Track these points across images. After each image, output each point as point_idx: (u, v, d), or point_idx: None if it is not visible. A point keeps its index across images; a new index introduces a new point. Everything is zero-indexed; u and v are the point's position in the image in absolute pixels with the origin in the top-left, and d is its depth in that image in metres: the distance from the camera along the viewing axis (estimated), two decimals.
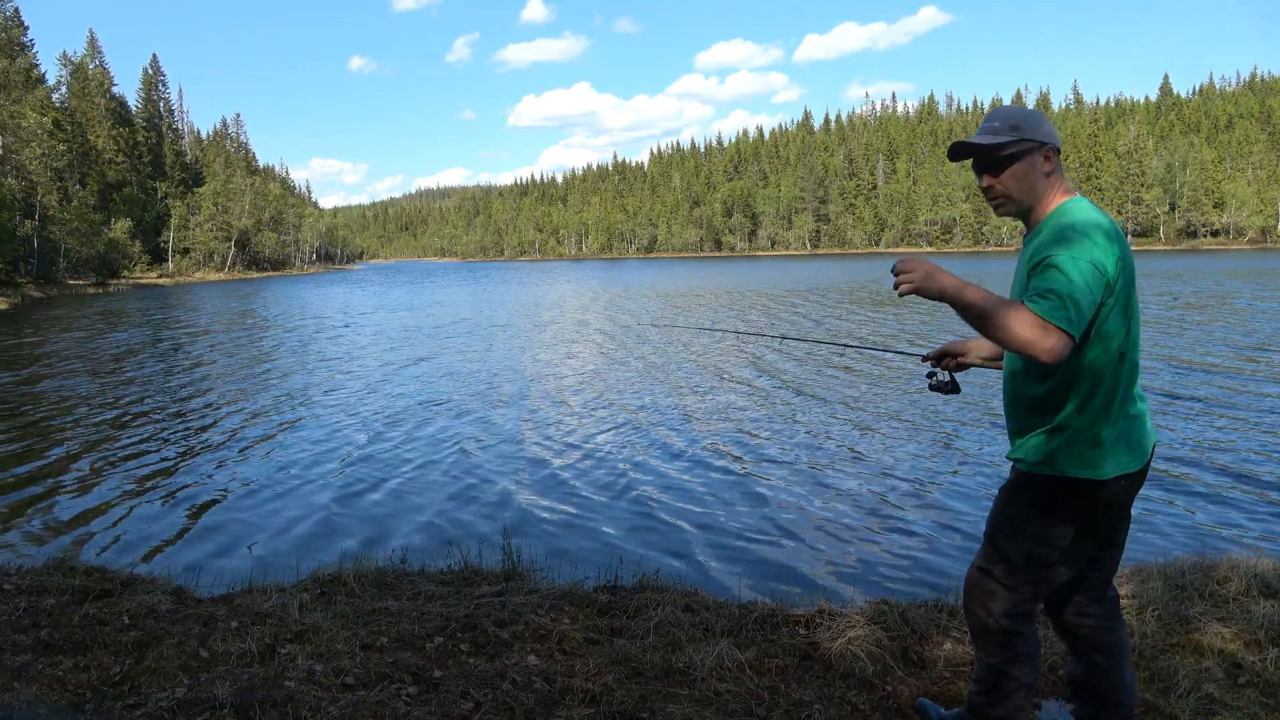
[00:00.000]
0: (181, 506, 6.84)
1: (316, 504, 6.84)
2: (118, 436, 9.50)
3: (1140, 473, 2.13)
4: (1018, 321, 1.84)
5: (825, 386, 11.88)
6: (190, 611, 3.55)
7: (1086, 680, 2.35)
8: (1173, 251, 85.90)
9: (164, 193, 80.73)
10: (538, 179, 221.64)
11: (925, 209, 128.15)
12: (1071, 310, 1.84)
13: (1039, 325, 1.83)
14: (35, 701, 2.66)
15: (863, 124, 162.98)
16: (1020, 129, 2.13)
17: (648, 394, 11.74)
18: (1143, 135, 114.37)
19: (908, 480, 7.10)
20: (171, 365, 16.16)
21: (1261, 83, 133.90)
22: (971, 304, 1.89)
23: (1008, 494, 2.24)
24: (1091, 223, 2.01)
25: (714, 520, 6.20)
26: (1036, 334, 1.82)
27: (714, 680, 2.82)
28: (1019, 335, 1.83)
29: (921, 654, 3.06)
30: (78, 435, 9.58)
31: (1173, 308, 22.13)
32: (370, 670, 2.88)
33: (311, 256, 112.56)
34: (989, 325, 1.87)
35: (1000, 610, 2.20)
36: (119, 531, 6.22)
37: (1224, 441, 8.06)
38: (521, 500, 6.83)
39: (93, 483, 7.53)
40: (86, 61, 77.48)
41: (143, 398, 12.21)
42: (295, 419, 10.47)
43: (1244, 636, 3.07)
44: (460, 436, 9.21)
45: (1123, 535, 2.27)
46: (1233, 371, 12.09)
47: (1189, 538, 5.53)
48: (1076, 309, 1.85)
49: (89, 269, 58.12)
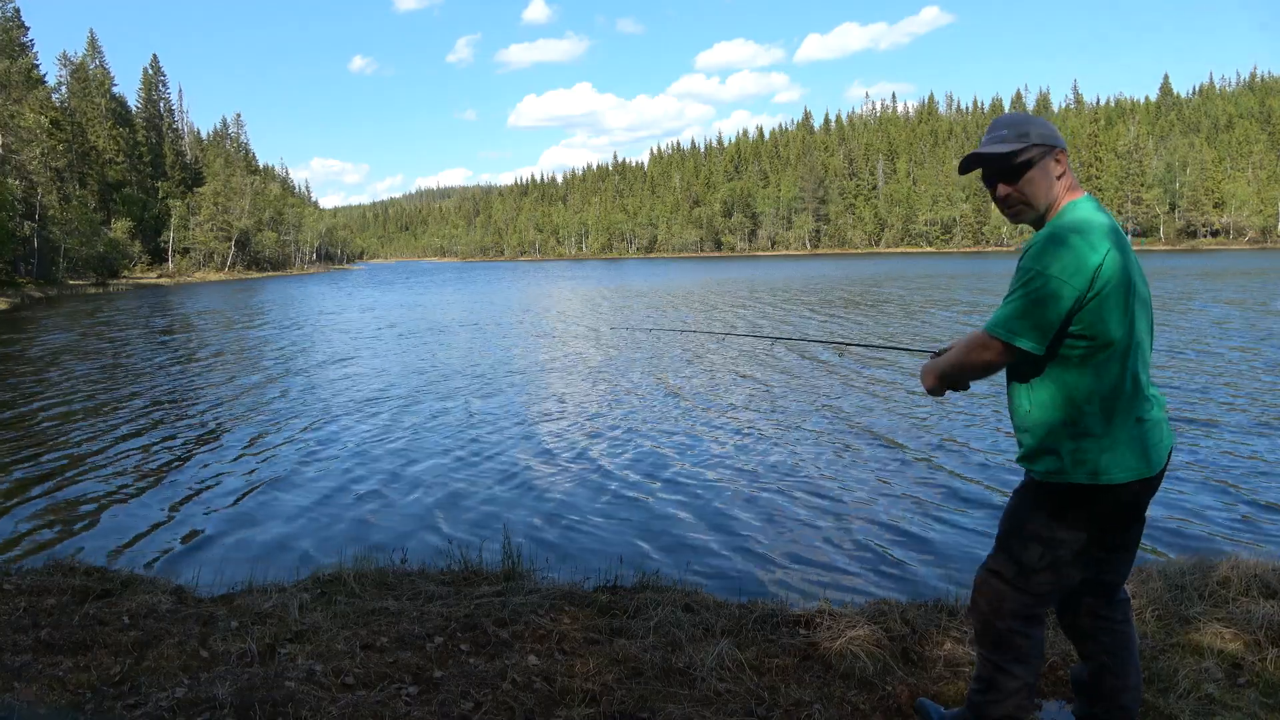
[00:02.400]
0: (182, 506, 6.84)
1: (317, 504, 6.83)
2: (117, 437, 9.50)
3: (1154, 478, 2.12)
4: (962, 350, 2.18)
5: (826, 386, 11.88)
6: (190, 611, 3.55)
7: (1092, 681, 2.34)
8: (1172, 251, 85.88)
9: (164, 193, 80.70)
10: (538, 179, 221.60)
11: (925, 209, 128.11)
12: (1013, 322, 2.03)
13: (978, 342, 2.12)
14: (35, 701, 2.66)
15: (863, 124, 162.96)
16: (1028, 135, 2.16)
17: (648, 394, 11.74)
18: (1143, 135, 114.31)
19: (909, 480, 7.10)
20: (171, 365, 16.15)
21: (1261, 83, 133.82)
22: (943, 365, 2.24)
23: (1018, 498, 2.26)
24: (1073, 227, 2.03)
25: (714, 520, 6.20)
26: (975, 350, 2.13)
27: (714, 680, 2.82)
28: (965, 359, 2.16)
29: (921, 654, 3.06)
30: (77, 435, 9.58)
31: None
32: (370, 670, 2.88)
33: (311, 256, 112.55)
34: (957, 369, 2.20)
35: (1009, 611, 2.21)
36: (119, 531, 6.21)
37: (1224, 441, 8.07)
38: (522, 500, 6.83)
39: (92, 483, 7.53)
40: (87, 61, 77.53)
41: (142, 398, 12.20)
42: (295, 419, 10.47)
43: (1244, 636, 3.07)
44: (461, 436, 9.21)
45: (1135, 538, 2.27)
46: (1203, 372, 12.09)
47: (1189, 538, 5.53)
48: (1022, 319, 2.02)
49: (89, 269, 58.12)
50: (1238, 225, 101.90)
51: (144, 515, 6.60)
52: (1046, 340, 2.02)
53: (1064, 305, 1.98)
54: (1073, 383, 2.06)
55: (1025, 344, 2.01)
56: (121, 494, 7.19)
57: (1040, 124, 2.17)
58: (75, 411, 11.09)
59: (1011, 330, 2.02)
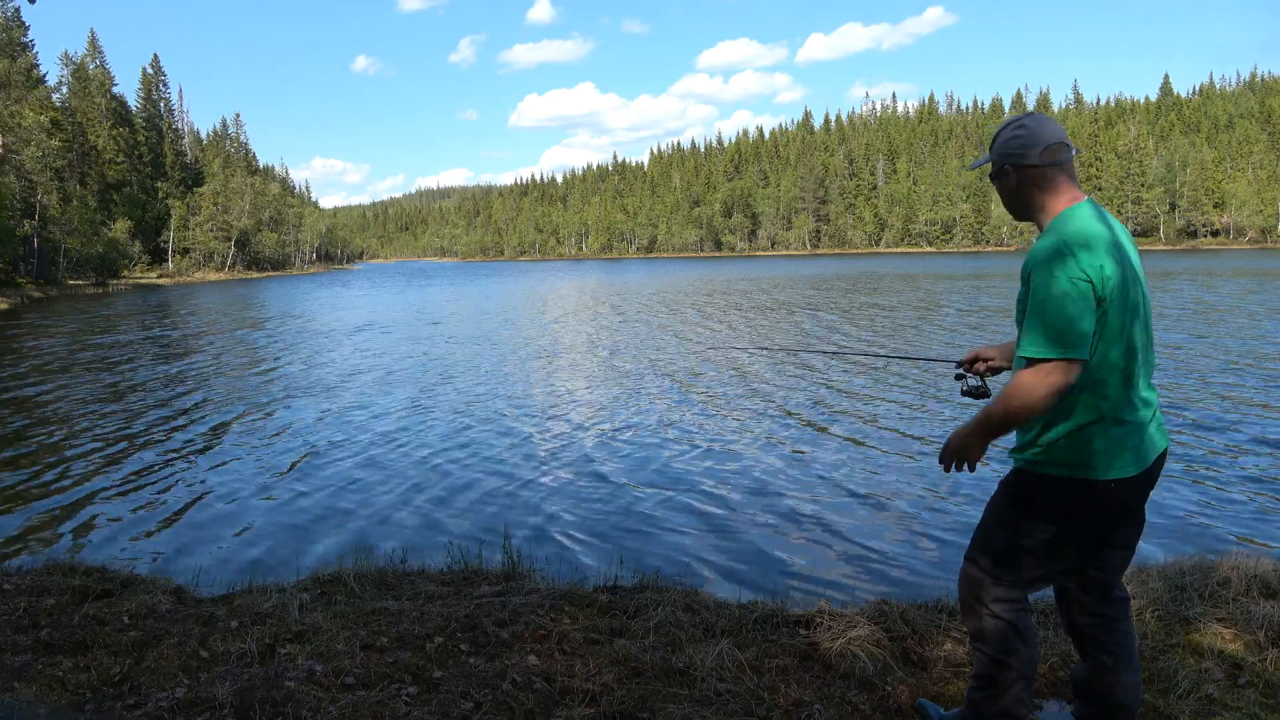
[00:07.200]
0: (182, 507, 6.84)
1: (317, 504, 6.83)
2: (116, 437, 9.50)
3: (1140, 477, 2.13)
4: (1016, 388, 1.99)
5: (827, 387, 11.88)
6: (190, 611, 3.55)
7: (1090, 680, 2.35)
8: (1172, 251, 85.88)
9: (164, 193, 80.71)
10: (538, 179, 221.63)
11: (925, 209, 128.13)
12: (1057, 335, 1.94)
13: (1034, 373, 1.97)
14: (35, 701, 2.65)
15: (863, 124, 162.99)
16: (993, 147, 2.22)
17: (648, 395, 11.74)
18: (1143, 135, 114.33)
19: (910, 480, 7.10)
20: (171, 365, 16.15)
21: (1261, 83, 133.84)
22: (988, 418, 2.09)
23: (1000, 488, 2.31)
24: (1068, 240, 2.01)
25: (714, 520, 6.20)
26: (1037, 380, 1.96)
27: (714, 680, 2.82)
28: (1026, 396, 1.98)
29: (921, 654, 3.06)
30: (77, 435, 9.58)
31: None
32: (370, 670, 2.88)
33: (311, 256, 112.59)
34: (1008, 416, 2.04)
35: (989, 599, 2.25)
36: (119, 531, 6.21)
37: (1223, 441, 8.06)
38: (522, 500, 6.83)
39: (92, 483, 7.53)
40: (87, 61, 77.49)
41: (142, 397, 12.21)
42: (295, 419, 10.47)
43: (1244, 637, 3.07)
44: (461, 437, 9.21)
45: (1128, 536, 2.27)
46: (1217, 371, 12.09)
47: (1189, 538, 5.53)
48: (1062, 333, 1.94)
49: (89, 269, 58.11)
50: (1238, 225, 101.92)
51: (144, 515, 6.60)
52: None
53: (1091, 306, 1.98)
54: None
55: (1078, 355, 1.97)
56: (121, 494, 7.19)
57: (1007, 135, 2.17)
58: (74, 412, 11.09)
59: (1062, 347, 1.96)
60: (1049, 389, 1.95)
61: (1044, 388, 1.95)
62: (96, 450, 8.80)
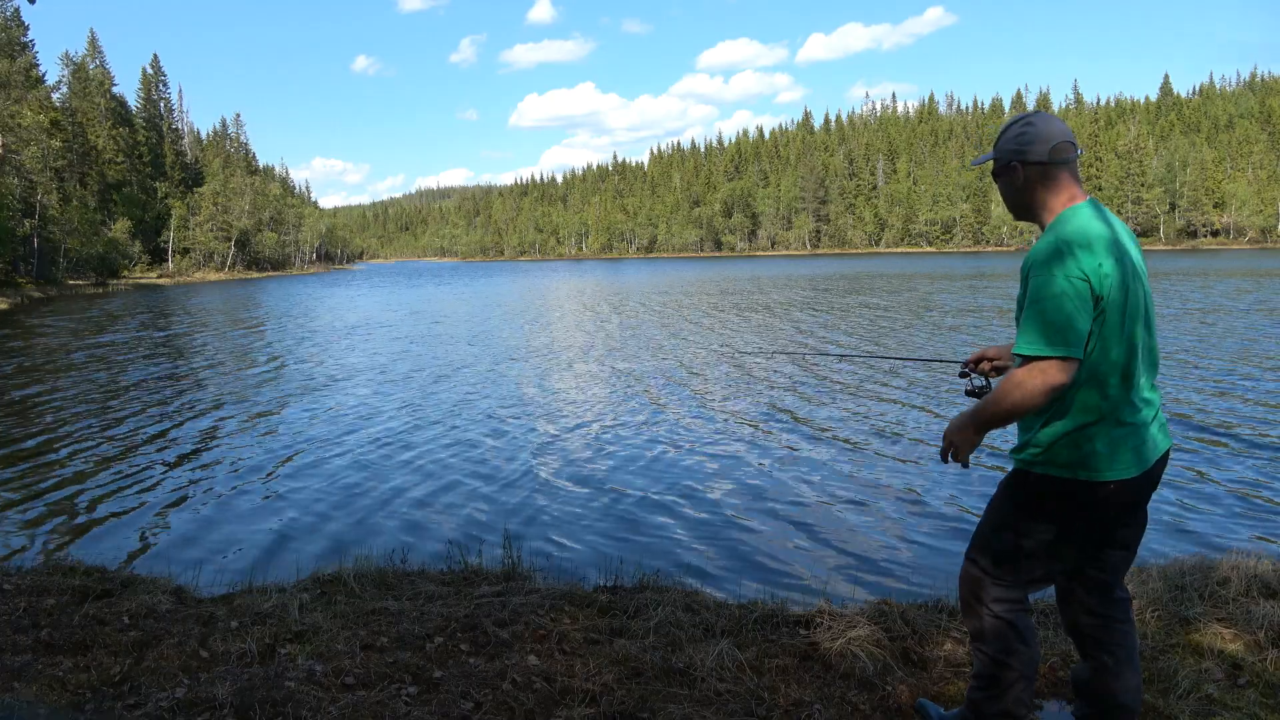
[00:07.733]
0: (182, 506, 6.83)
1: (317, 504, 6.83)
2: (116, 436, 9.50)
3: (1141, 478, 2.13)
4: (1011, 384, 2.01)
5: (827, 388, 11.88)
6: (190, 611, 3.55)
7: (1092, 680, 2.35)
8: (1172, 251, 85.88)
9: (164, 193, 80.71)
10: (538, 179, 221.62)
11: (925, 209, 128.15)
12: (1053, 333, 1.95)
13: (1029, 370, 1.98)
14: (35, 701, 2.65)
15: (863, 124, 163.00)
16: (996, 144, 2.23)
17: (648, 395, 11.74)
18: (1143, 135, 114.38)
19: (910, 480, 7.10)
20: (170, 364, 16.15)
21: (1261, 83, 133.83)
22: (982, 410, 2.10)
23: (1000, 488, 2.30)
24: (1067, 239, 2.02)
25: (714, 520, 6.20)
26: (1030, 377, 1.98)
27: (714, 680, 2.82)
28: (1019, 393, 1.99)
29: (921, 654, 3.06)
30: (76, 435, 9.58)
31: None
32: (370, 670, 2.88)
33: (311, 256, 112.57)
34: (1001, 410, 2.05)
35: (989, 599, 2.25)
36: (119, 531, 6.21)
37: (1223, 441, 8.06)
38: (522, 500, 6.83)
39: (92, 483, 7.52)
40: (87, 61, 77.46)
41: (142, 397, 12.20)
42: (296, 419, 10.47)
43: (1244, 637, 3.07)
44: (461, 437, 9.21)
45: (1129, 536, 2.27)
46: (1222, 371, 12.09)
47: (1189, 538, 5.53)
48: (1058, 331, 1.95)
49: (89, 269, 58.10)
50: (1238, 225, 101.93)
51: (144, 515, 6.60)
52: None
53: (1088, 307, 1.99)
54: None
55: (1071, 353, 1.98)
56: (121, 494, 7.18)
57: (1015, 132, 2.17)
58: (74, 411, 11.09)
59: (1056, 345, 1.96)
60: (1042, 386, 1.97)
61: (1037, 385, 1.97)
62: (96, 450, 8.80)
